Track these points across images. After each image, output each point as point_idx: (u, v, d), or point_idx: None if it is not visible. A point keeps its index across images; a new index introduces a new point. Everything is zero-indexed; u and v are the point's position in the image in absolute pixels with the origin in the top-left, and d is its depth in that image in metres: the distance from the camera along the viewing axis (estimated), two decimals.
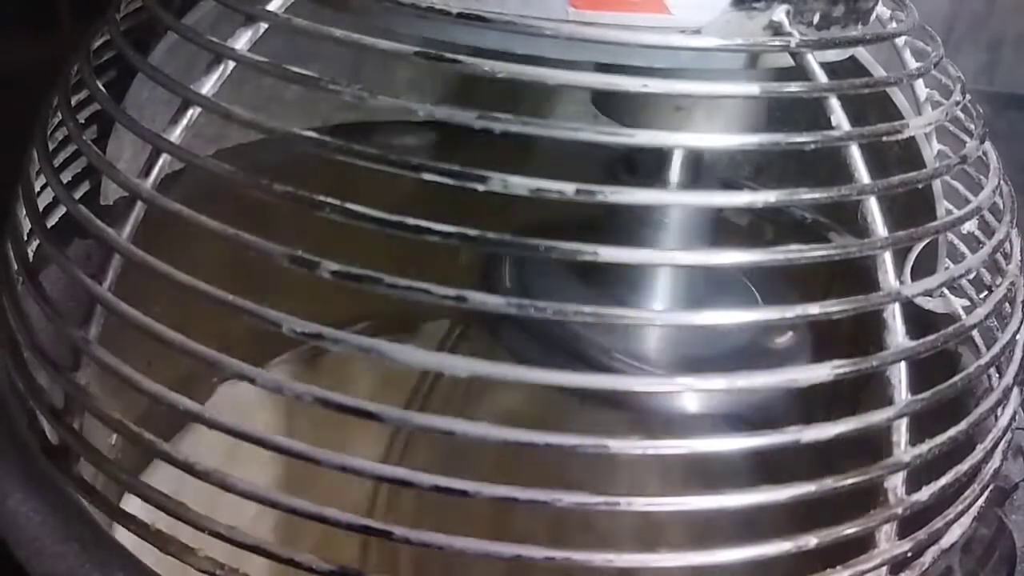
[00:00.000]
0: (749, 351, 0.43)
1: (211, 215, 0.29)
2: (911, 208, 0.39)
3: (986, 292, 0.38)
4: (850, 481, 0.29)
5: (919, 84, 0.40)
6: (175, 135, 0.32)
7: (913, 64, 0.39)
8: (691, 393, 0.40)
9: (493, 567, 0.29)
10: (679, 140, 0.32)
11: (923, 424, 0.31)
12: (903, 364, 0.31)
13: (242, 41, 0.32)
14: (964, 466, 0.33)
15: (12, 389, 0.36)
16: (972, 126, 0.39)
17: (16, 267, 0.37)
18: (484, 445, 0.27)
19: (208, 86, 0.32)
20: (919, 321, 0.32)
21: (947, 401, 0.32)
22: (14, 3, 0.76)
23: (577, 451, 0.28)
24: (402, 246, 0.29)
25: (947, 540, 0.33)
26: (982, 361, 0.35)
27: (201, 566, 0.29)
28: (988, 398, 0.35)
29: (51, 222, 0.37)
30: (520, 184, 0.28)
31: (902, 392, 0.31)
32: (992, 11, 0.95)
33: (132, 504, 0.32)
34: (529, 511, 0.28)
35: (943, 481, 0.32)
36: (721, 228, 0.57)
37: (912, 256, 0.40)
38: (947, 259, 0.42)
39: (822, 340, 0.43)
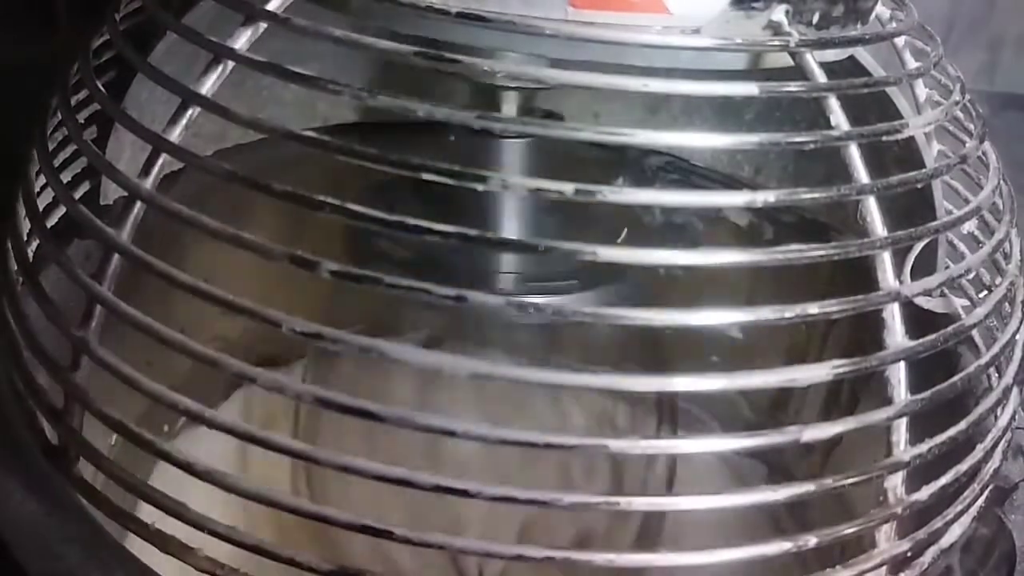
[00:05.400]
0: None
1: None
2: (911, 208, 0.39)
3: (986, 292, 0.38)
4: (850, 481, 0.29)
5: (919, 84, 0.40)
6: (174, 135, 0.32)
7: (913, 64, 0.39)
8: None
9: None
10: (677, 140, 0.32)
11: (923, 424, 0.31)
12: (903, 364, 0.31)
13: (241, 41, 0.32)
14: (964, 466, 0.33)
15: (12, 389, 0.36)
16: (972, 126, 0.38)
17: (16, 267, 0.37)
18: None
19: (207, 86, 0.32)
20: (919, 321, 0.32)
21: (947, 401, 0.32)
22: (11, 1, 0.75)
23: (576, 451, 0.28)
24: None
25: (947, 540, 0.33)
26: (982, 361, 0.35)
27: (201, 566, 0.29)
28: (988, 398, 0.35)
29: (51, 222, 0.37)
30: (519, 184, 0.28)
31: (902, 392, 0.31)
32: (992, 11, 0.95)
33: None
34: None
35: (943, 481, 0.32)
36: (721, 228, 0.57)
37: (912, 256, 0.40)
38: (947, 259, 0.42)
39: None
